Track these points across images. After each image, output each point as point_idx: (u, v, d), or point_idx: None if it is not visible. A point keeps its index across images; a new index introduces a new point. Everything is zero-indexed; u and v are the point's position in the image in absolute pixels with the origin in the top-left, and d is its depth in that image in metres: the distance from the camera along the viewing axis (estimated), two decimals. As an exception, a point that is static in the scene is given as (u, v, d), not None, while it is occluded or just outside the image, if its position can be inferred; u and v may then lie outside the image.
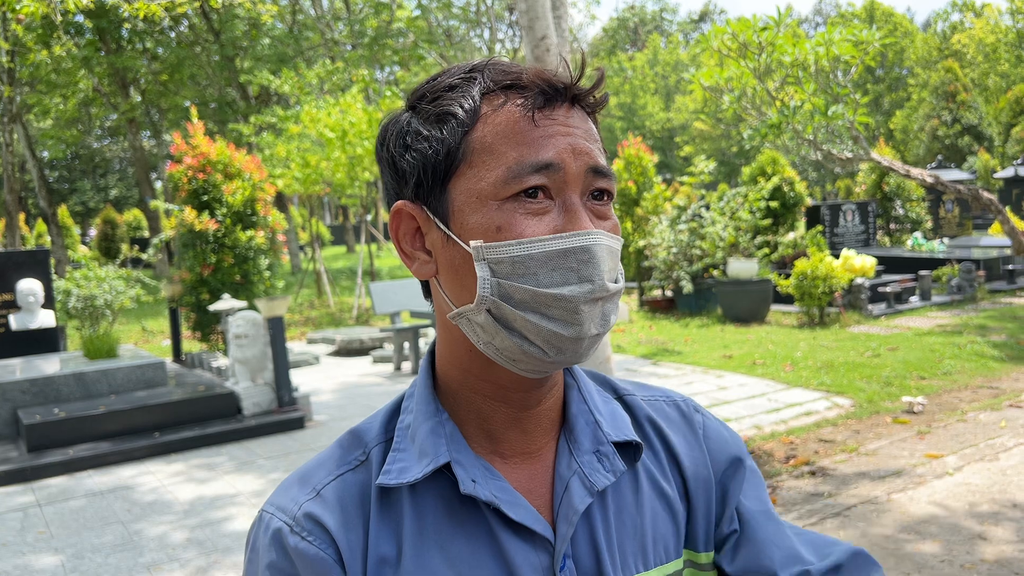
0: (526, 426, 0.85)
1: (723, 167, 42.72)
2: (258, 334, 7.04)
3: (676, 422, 0.95)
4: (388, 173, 0.84)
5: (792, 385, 7.31)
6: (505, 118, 0.77)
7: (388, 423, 0.87)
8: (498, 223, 0.76)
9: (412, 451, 0.82)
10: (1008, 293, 12.34)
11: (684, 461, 0.92)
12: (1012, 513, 4.29)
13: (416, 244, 0.82)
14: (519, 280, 0.75)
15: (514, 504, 0.80)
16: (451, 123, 0.78)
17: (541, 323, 0.75)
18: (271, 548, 0.80)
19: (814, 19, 60.90)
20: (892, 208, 16.87)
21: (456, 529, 0.81)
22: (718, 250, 11.49)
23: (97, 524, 4.86)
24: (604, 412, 0.89)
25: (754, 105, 10.63)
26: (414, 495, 0.82)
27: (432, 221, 0.80)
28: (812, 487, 4.90)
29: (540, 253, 0.75)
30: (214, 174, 9.40)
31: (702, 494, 0.92)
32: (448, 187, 0.79)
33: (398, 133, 0.82)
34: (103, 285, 10.90)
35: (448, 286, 0.80)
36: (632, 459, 0.88)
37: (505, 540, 0.80)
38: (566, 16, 5.87)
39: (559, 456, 0.86)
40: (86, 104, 28.05)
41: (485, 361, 0.82)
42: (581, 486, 0.83)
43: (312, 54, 24.88)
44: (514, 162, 0.76)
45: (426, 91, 0.81)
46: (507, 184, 0.76)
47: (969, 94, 32.86)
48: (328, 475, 0.83)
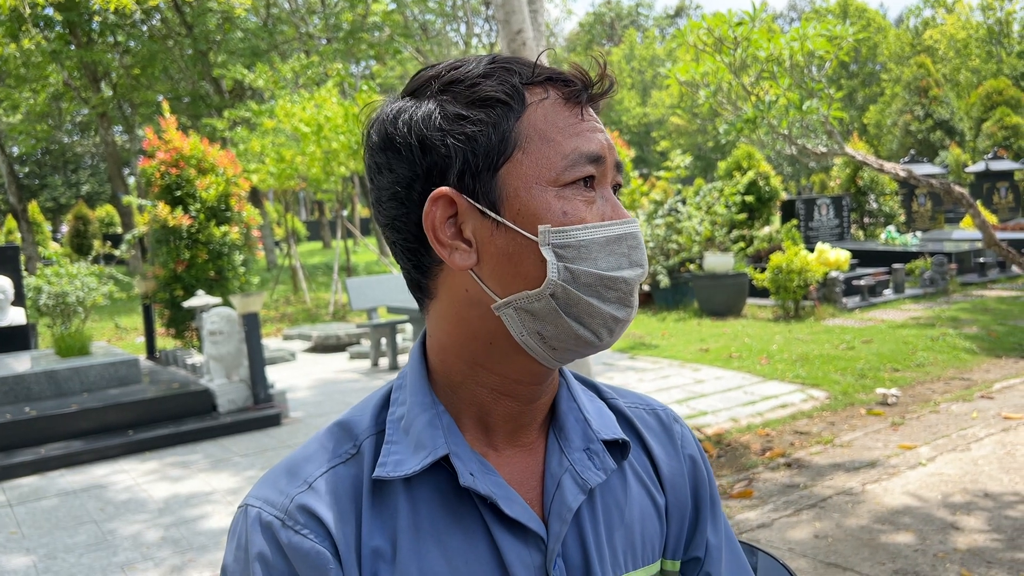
0: (524, 420, 0.85)
1: (699, 162, 42.94)
2: (233, 330, 6.98)
3: (656, 431, 0.96)
4: (407, 161, 0.79)
5: (768, 378, 7.37)
6: (553, 108, 0.79)
7: (378, 415, 0.86)
8: (563, 208, 0.77)
9: (406, 443, 0.81)
10: (979, 286, 12.50)
11: (663, 469, 0.94)
12: (984, 503, 4.35)
13: (452, 234, 0.79)
14: (584, 264, 0.77)
15: (510, 500, 0.80)
16: (499, 108, 0.78)
17: (601, 306, 0.78)
18: (261, 543, 0.78)
19: (789, 15, 61.30)
20: (866, 202, 17.04)
21: (452, 523, 0.80)
22: (694, 244, 11.54)
23: (70, 524, 4.79)
24: (591, 411, 0.90)
25: (729, 100, 10.69)
26: (409, 488, 0.80)
27: (476, 208, 0.78)
28: (788, 479, 4.94)
29: (602, 238, 0.78)
30: (187, 169, 9.30)
31: (677, 504, 0.94)
32: (498, 174, 0.78)
33: (430, 117, 0.78)
34: (75, 282, 10.76)
35: (495, 275, 0.78)
36: (619, 458, 0.89)
37: (499, 536, 0.80)
38: (542, 10, 5.86)
39: (549, 452, 0.86)
40: (56, 98, 27.63)
41: (502, 354, 0.81)
42: (574, 484, 0.84)
43: (287, 48, 24.69)
44: (572, 151, 0.78)
45: (458, 77, 0.79)
46: (567, 172, 0.78)
47: (941, 89, 33.24)
48: (319, 467, 0.81)
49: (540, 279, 0.77)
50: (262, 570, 0.77)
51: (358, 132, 13.14)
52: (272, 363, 9.85)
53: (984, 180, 20.39)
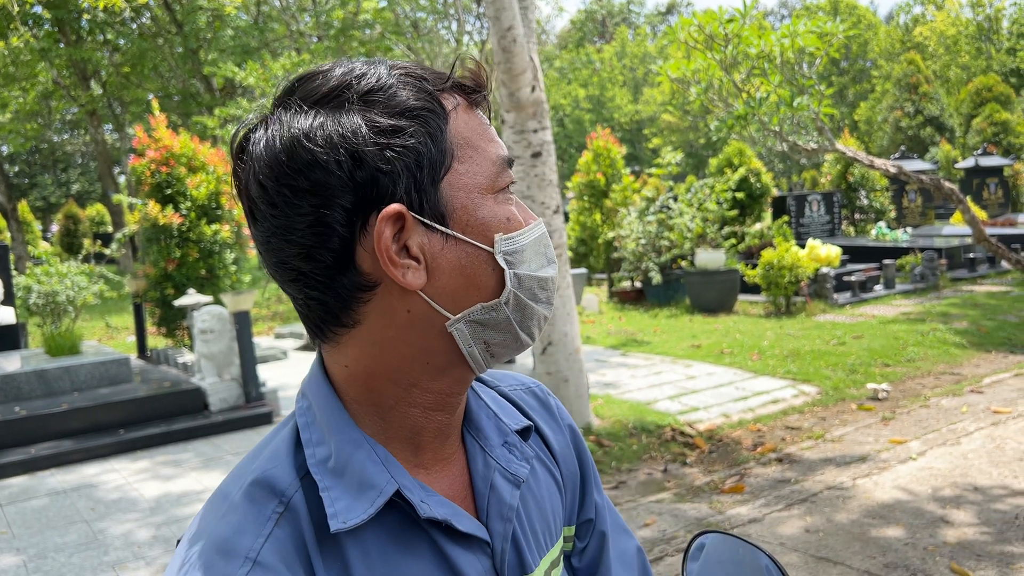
0: (449, 431, 0.83)
1: (691, 159, 43.00)
2: (224, 329, 6.96)
3: (537, 409, 0.97)
4: (337, 179, 0.72)
5: (759, 374, 7.39)
6: (466, 115, 0.78)
7: (295, 460, 0.77)
8: (505, 215, 0.77)
9: (343, 486, 0.75)
10: (969, 281, 12.56)
11: (553, 444, 0.96)
12: (973, 496, 4.37)
13: (398, 251, 0.74)
14: (523, 268, 0.77)
15: (458, 515, 0.79)
16: (431, 119, 0.75)
17: (536, 307, 0.79)
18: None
19: (779, 11, 61.43)
20: (857, 198, 17.09)
21: (405, 555, 0.76)
22: (686, 241, 11.56)
23: (60, 523, 4.78)
24: (493, 403, 0.90)
25: (721, 97, 10.71)
26: (354, 534, 0.75)
27: (422, 224, 0.74)
28: (779, 474, 4.96)
29: (532, 240, 0.78)
30: (178, 167, 9.27)
31: (569, 474, 0.97)
32: (440, 185, 0.75)
33: (357, 130, 0.72)
34: (65, 281, 10.71)
35: (446, 291, 0.75)
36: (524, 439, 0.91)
37: (453, 553, 0.78)
38: (532, 7, 5.86)
39: (471, 456, 0.85)
40: (46, 97, 27.48)
41: (437, 370, 0.78)
42: (505, 481, 0.83)
43: (277, 46, 24.62)
44: (495, 156, 0.78)
45: (372, 86, 0.74)
46: (499, 178, 0.78)
47: (931, 86, 33.34)
48: (256, 538, 0.71)
49: (495, 289, 0.76)
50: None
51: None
52: (264, 361, 9.83)
53: (974, 176, 20.48)
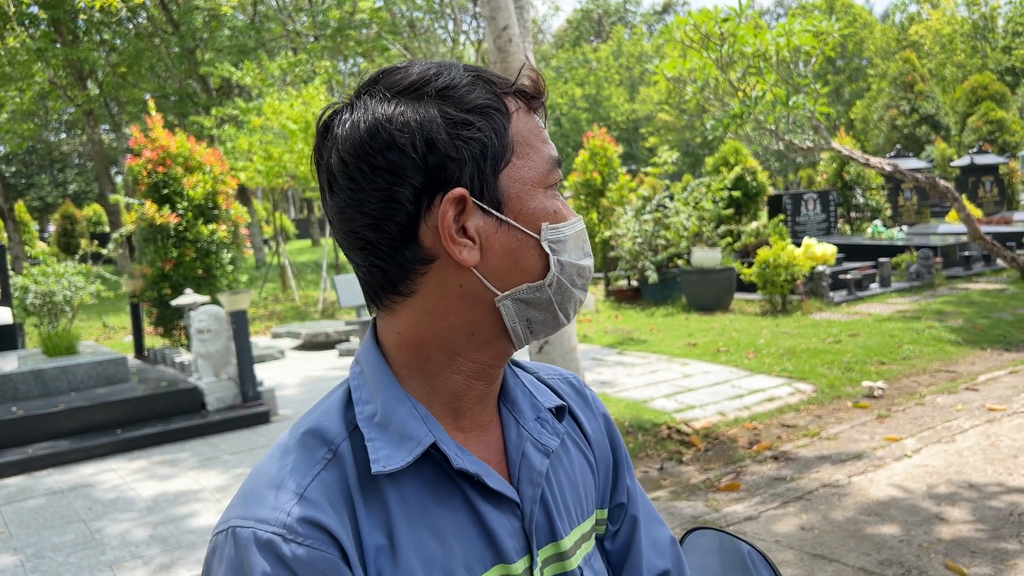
0: (487, 400, 0.91)
1: (687, 158, 43.02)
2: (221, 328, 6.96)
3: (573, 397, 1.06)
4: (411, 160, 0.81)
5: (755, 372, 7.40)
6: (525, 117, 0.87)
7: (345, 416, 0.86)
8: (553, 208, 0.86)
9: (386, 438, 0.83)
10: (965, 279, 12.59)
11: (587, 429, 1.04)
12: (968, 494, 4.39)
13: (458, 231, 0.83)
14: (566, 255, 0.87)
15: (490, 475, 0.86)
16: (496, 116, 0.84)
17: (574, 291, 0.88)
18: (262, 563, 0.75)
19: (775, 11, 61.45)
20: (853, 197, 17.11)
21: (439, 506, 0.84)
22: (682, 240, 11.57)
23: (57, 523, 4.78)
24: (530, 384, 0.98)
25: (717, 96, 10.73)
26: (394, 481, 0.83)
27: (480, 208, 0.83)
28: (775, 471, 4.97)
29: (574, 232, 0.88)
30: (174, 167, 9.26)
31: (602, 458, 1.04)
32: (500, 176, 0.84)
33: (433, 120, 0.81)
34: (62, 281, 10.71)
35: (495, 271, 0.84)
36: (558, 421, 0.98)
37: (484, 509, 0.85)
38: (528, 6, 5.86)
39: (506, 426, 0.93)
40: (42, 97, 27.45)
41: (481, 342, 0.87)
42: (536, 450, 0.91)
43: (274, 45, 24.61)
44: (549, 156, 0.87)
45: (449, 83, 0.83)
46: (550, 174, 0.87)
47: (926, 84, 33.41)
48: (304, 477, 0.81)
49: (540, 272, 0.85)
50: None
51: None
52: (261, 361, 9.84)
53: (969, 174, 20.51)
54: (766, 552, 1.15)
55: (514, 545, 0.87)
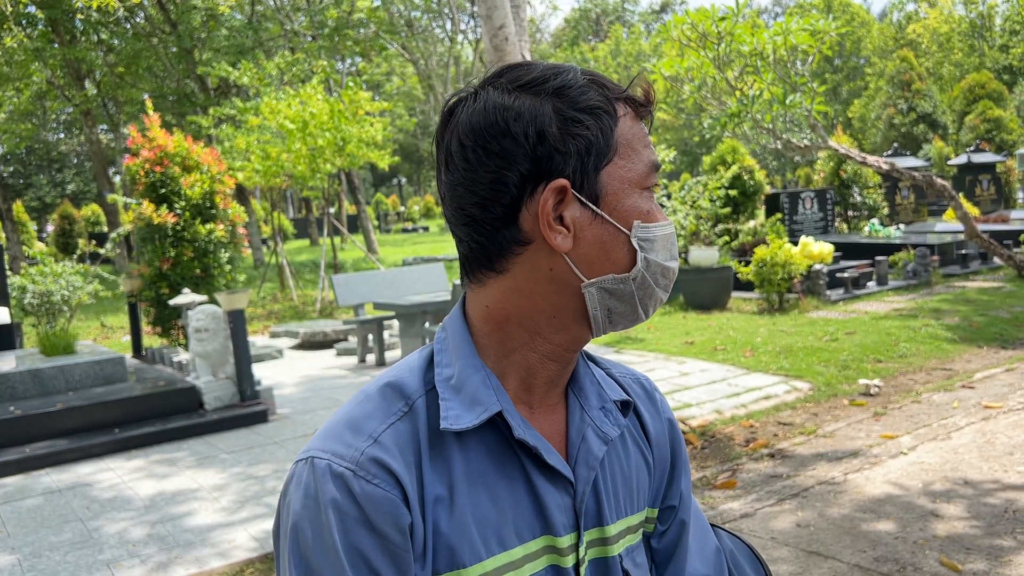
0: (559, 382, 0.97)
1: (685, 157, 43.05)
2: (219, 328, 6.97)
3: (642, 397, 1.10)
4: (522, 148, 0.88)
5: (752, 370, 7.42)
6: (632, 122, 0.93)
7: (424, 375, 0.94)
8: (647, 208, 0.92)
9: (459, 400, 0.90)
10: (961, 277, 12.60)
11: (650, 430, 1.08)
12: (964, 490, 4.41)
13: (555, 219, 0.89)
14: (654, 255, 0.92)
15: (548, 451, 0.92)
16: (604, 117, 0.90)
17: (656, 289, 0.93)
18: (333, 491, 0.84)
19: (773, 9, 61.47)
20: (850, 195, 17.13)
21: (498, 472, 0.91)
22: (680, 239, 11.59)
23: (55, 522, 4.79)
24: (600, 377, 1.04)
25: (714, 95, 10.74)
26: (460, 441, 0.90)
27: (578, 200, 0.89)
28: (771, 469, 4.99)
29: (664, 235, 0.93)
30: (172, 167, 9.26)
31: (660, 460, 1.09)
32: (601, 172, 0.89)
33: (548, 115, 0.88)
34: (60, 281, 10.71)
35: (585, 259, 0.90)
36: (623, 416, 1.03)
37: (538, 482, 0.92)
38: (524, 5, 5.87)
39: (571, 410, 0.98)
40: (40, 97, 27.45)
41: (561, 325, 0.93)
42: (596, 437, 0.97)
43: (272, 45, 24.60)
44: (649, 160, 0.92)
45: (566, 83, 0.90)
46: (647, 178, 0.92)
47: (924, 83, 33.42)
48: (381, 424, 0.88)
49: (627, 265, 0.91)
50: (335, 515, 0.84)
51: (344, 129, 13.12)
52: (259, 360, 9.84)
53: (966, 173, 20.54)
54: (755, 547, 1.16)
55: (563, 520, 0.93)
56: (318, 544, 0.84)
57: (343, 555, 0.83)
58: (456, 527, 0.87)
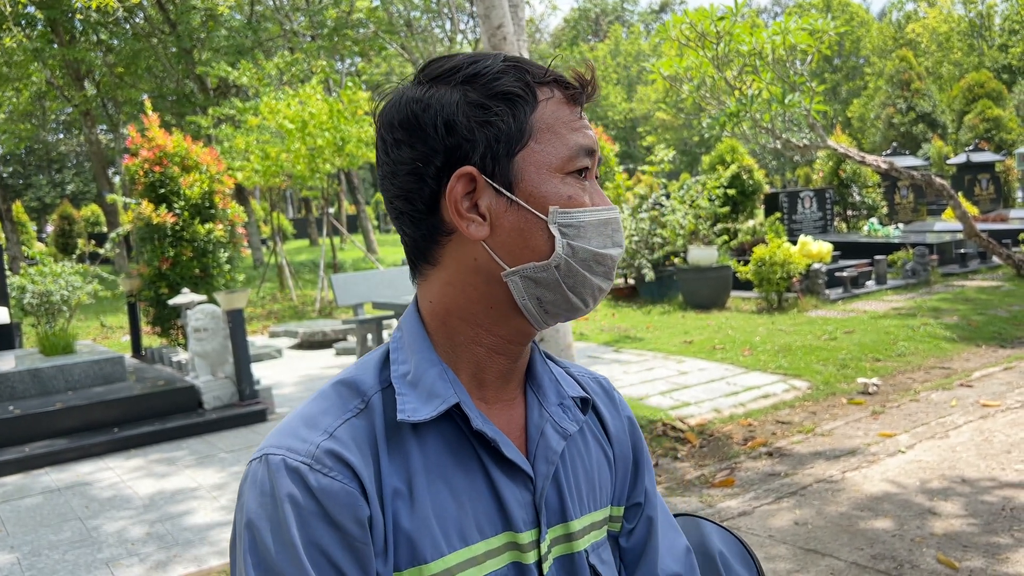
0: (510, 376, 0.97)
1: (685, 156, 43.05)
2: (218, 327, 6.98)
3: (600, 395, 1.10)
4: (429, 142, 0.89)
5: (750, 369, 7.42)
6: (557, 106, 0.91)
7: (380, 373, 0.94)
8: (568, 193, 0.89)
9: (415, 395, 0.90)
10: (960, 276, 12.61)
11: (610, 427, 1.08)
12: (961, 488, 4.41)
13: (469, 207, 0.89)
14: (581, 241, 0.89)
15: (507, 444, 0.92)
16: (519, 103, 0.89)
17: (591, 278, 0.91)
18: (290, 485, 0.83)
19: (773, 9, 61.47)
20: (849, 195, 17.13)
21: (456, 465, 0.90)
22: (679, 238, 11.59)
23: (54, 521, 4.80)
24: (558, 374, 1.04)
25: (713, 94, 10.74)
26: (418, 436, 0.90)
27: (492, 187, 0.89)
28: (769, 467, 5.00)
29: (596, 220, 0.90)
30: (171, 167, 9.27)
31: (622, 457, 1.08)
32: (514, 159, 0.89)
33: (455, 103, 0.88)
34: (59, 281, 10.72)
35: (505, 247, 0.89)
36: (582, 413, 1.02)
37: (496, 476, 0.91)
38: (522, 5, 5.88)
39: (530, 406, 0.98)
40: (40, 97, 27.44)
41: (500, 316, 0.92)
42: (554, 432, 0.96)
43: (271, 45, 24.60)
44: (575, 144, 0.90)
45: (478, 71, 0.89)
46: (570, 162, 0.90)
47: (923, 82, 33.42)
48: (336, 419, 0.88)
49: (547, 252, 0.89)
50: (292, 510, 0.82)
51: (343, 129, 13.12)
52: (258, 360, 9.85)
53: (965, 172, 20.54)
54: (747, 543, 1.17)
55: (523, 516, 0.92)
56: (276, 541, 0.82)
57: (302, 551, 0.81)
58: (416, 521, 0.86)
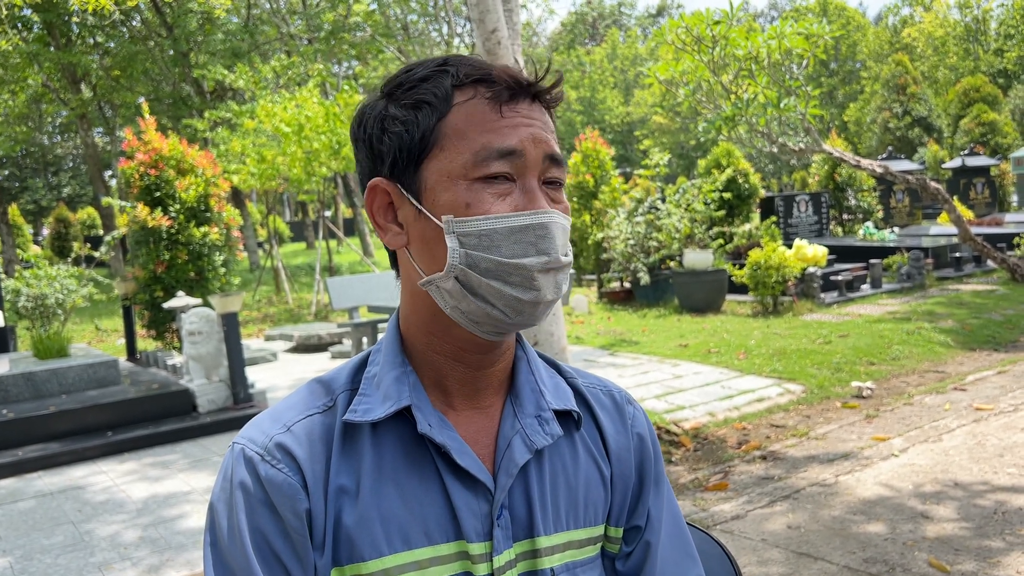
0: (477, 385, 0.95)
1: (681, 160, 43.10)
2: (212, 330, 6.96)
3: (608, 409, 1.05)
4: (364, 153, 0.92)
5: (745, 372, 7.43)
6: (475, 108, 0.88)
7: (355, 375, 0.97)
8: (467, 200, 0.86)
9: (376, 396, 0.91)
10: (955, 280, 12.63)
11: (611, 443, 1.03)
12: (954, 492, 4.42)
13: (389, 218, 0.92)
14: (484, 251, 0.86)
15: (462, 452, 0.90)
16: (425, 110, 0.88)
17: (504, 289, 0.86)
18: (243, 473, 0.88)
19: (769, 13, 61.60)
20: (844, 198, 17.16)
21: (410, 468, 0.90)
22: (674, 241, 11.60)
23: (47, 525, 4.78)
24: (548, 384, 1.00)
25: (709, 98, 10.77)
26: (375, 435, 0.91)
27: (405, 197, 0.89)
28: (763, 471, 5.00)
29: (504, 228, 0.86)
30: (166, 170, 9.26)
31: (622, 475, 1.03)
32: (421, 167, 0.88)
33: (376, 117, 0.90)
34: (54, 284, 10.68)
35: (418, 256, 0.90)
36: (572, 428, 0.99)
37: (450, 484, 0.90)
38: (517, 9, 5.88)
39: (504, 416, 0.96)
40: (36, 100, 27.42)
41: (447, 324, 0.91)
42: (522, 444, 0.93)
43: (268, 48, 24.60)
44: (481, 147, 0.86)
45: (402, 80, 0.90)
46: (476, 167, 0.86)
47: (919, 87, 33.51)
48: (298, 415, 0.92)
49: (446, 263, 0.88)
50: (243, 496, 0.88)
51: (339, 132, 13.13)
52: (253, 363, 9.83)
53: (961, 176, 20.58)
54: (726, 546, 1.16)
55: (476, 527, 0.90)
56: (229, 524, 0.88)
57: (247, 535, 0.86)
58: (358, 520, 0.87)
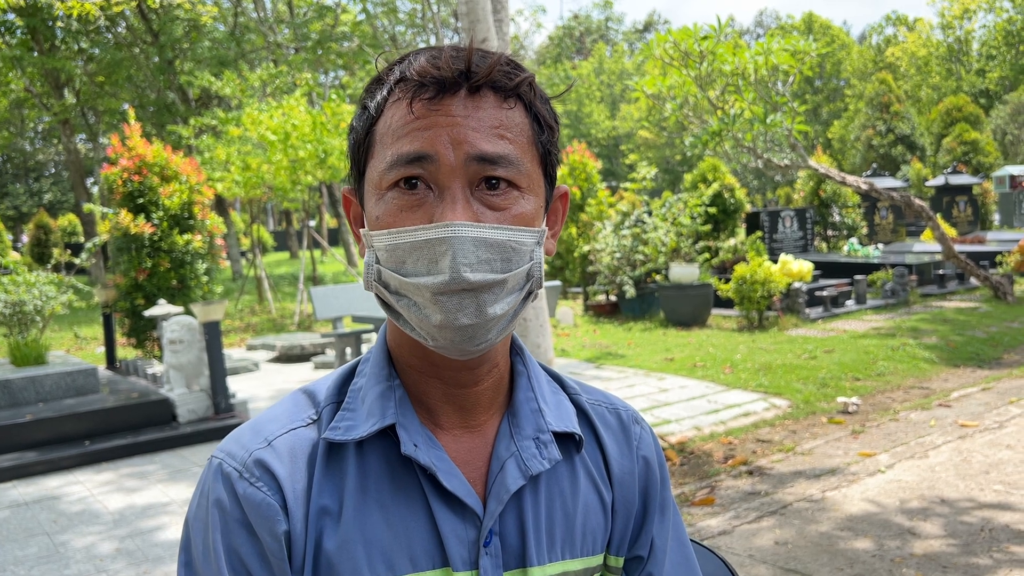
0: (462, 403, 0.88)
1: (668, 175, 43.32)
2: (193, 339, 6.88)
3: (613, 429, 0.97)
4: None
5: (731, 387, 7.41)
6: (395, 111, 0.80)
7: (341, 386, 0.90)
8: (378, 213, 0.80)
9: (361, 411, 0.85)
10: (939, 297, 12.71)
11: (614, 467, 0.95)
12: (940, 509, 4.40)
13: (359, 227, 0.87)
14: (392, 269, 0.79)
15: (450, 474, 0.83)
16: (364, 116, 0.84)
17: (413, 311, 0.79)
18: (220, 491, 0.83)
19: (755, 31, 62.16)
20: (829, 215, 17.27)
21: (396, 491, 0.84)
22: (660, 255, 11.61)
23: (21, 536, 4.68)
24: (550, 403, 0.92)
25: (696, 113, 10.80)
26: (360, 454, 0.84)
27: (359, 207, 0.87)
28: (750, 486, 4.96)
29: (406, 243, 0.77)
30: (150, 176, 9.17)
31: (624, 501, 0.95)
32: (364, 176, 0.84)
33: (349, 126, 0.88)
34: (33, 291, 10.54)
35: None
36: (572, 451, 0.91)
37: (436, 508, 0.83)
38: (507, 19, 5.88)
39: (499, 436, 0.89)
40: (18, 105, 27.18)
41: (414, 340, 0.85)
42: (516, 468, 0.86)
43: (254, 57, 24.53)
44: (391, 154, 0.78)
45: (369, 84, 0.86)
46: (386, 175, 0.79)
47: (902, 105, 33.88)
48: (281, 428, 0.86)
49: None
50: (218, 515, 0.82)
51: (326, 141, 13.08)
52: (235, 373, 9.73)
53: (944, 194, 20.77)
54: (731, 564, 1.12)
55: (462, 554, 0.83)
56: (203, 542, 0.83)
57: (223, 556, 0.81)
58: (340, 544, 0.81)
